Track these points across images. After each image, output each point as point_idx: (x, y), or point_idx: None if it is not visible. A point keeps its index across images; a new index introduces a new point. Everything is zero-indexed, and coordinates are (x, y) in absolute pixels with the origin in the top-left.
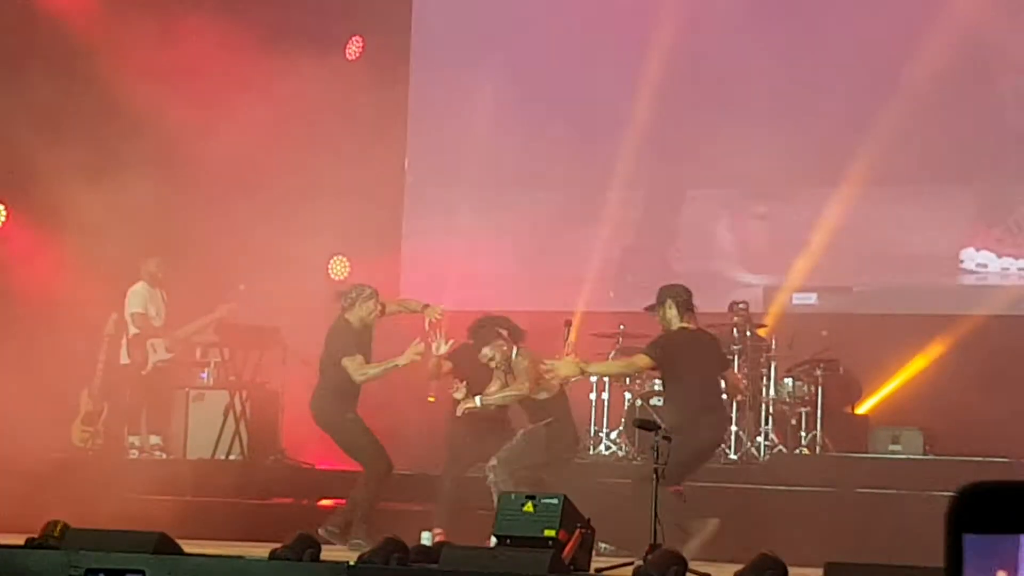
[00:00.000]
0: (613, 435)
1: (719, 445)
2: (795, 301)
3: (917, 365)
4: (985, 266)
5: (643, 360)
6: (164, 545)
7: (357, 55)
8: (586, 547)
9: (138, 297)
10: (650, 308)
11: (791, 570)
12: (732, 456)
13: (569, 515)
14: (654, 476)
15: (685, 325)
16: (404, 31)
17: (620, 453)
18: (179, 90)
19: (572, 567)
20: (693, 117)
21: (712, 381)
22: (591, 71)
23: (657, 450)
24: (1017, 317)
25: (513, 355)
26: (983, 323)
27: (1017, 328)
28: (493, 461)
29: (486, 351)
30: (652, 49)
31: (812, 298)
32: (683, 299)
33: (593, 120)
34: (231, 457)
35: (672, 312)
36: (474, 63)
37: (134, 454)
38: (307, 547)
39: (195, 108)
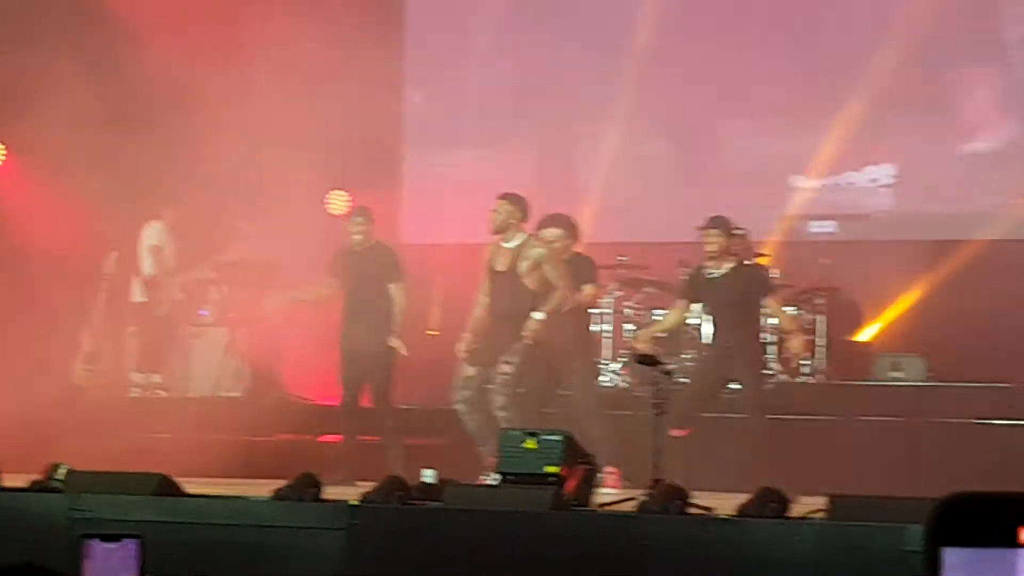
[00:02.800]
0: (615, 367)
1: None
2: (813, 229)
3: (919, 291)
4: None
5: None
6: (165, 487)
7: None
8: (589, 483)
9: (156, 233)
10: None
11: (794, 500)
12: (734, 385)
13: (572, 451)
14: (655, 410)
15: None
16: None
17: (622, 385)
18: (172, 30)
19: (575, 503)
20: (701, 42)
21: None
22: (595, 2)
23: (657, 385)
24: (1016, 241)
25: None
26: (982, 248)
27: (1015, 253)
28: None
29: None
30: None
31: (831, 226)
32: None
33: (598, 47)
34: (232, 394)
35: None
36: None
37: (135, 392)
38: (309, 486)
39: (188, 45)
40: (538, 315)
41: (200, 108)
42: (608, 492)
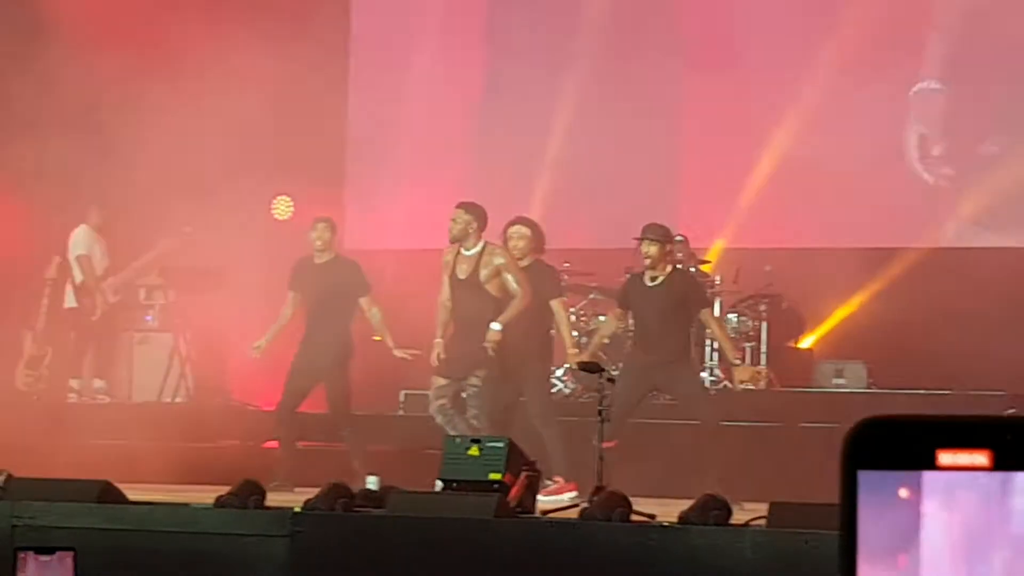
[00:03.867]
0: (559, 372)
1: None
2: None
3: (860, 298)
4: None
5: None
6: (108, 494)
7: None
8: (532, 489)
9: (81, 240)
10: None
11: (737, 506)
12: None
13: (515, 458)
14: (598, 417)
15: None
16: None
17: (566, 391)
18: (113, 33)
19: (518, 510)
20: (639, 55)
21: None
22: (540, 7)
23: (601, 392)
24: (959, 249)
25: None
26: (923, 256)
27: (958, 260)
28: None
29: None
30: None
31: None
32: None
33: (541, 54)
34: (177, 400)
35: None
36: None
37: (73, 398)
38: (252, 493)
39: (129, 49)
40: (496, 326)
41: (143, 115)
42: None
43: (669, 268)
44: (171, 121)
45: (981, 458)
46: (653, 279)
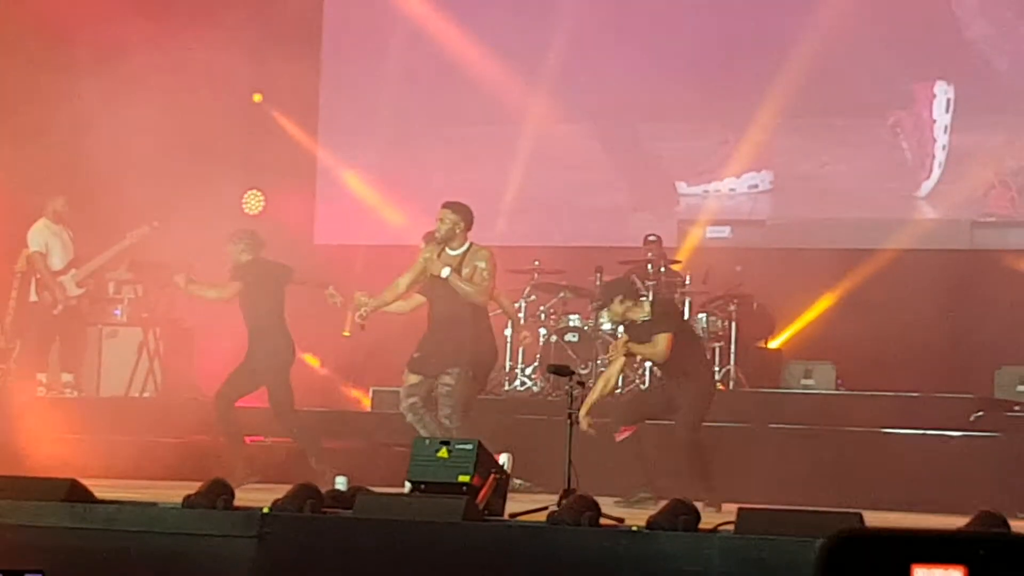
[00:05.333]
0: (528, 371)
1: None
2: (709, 235)
3: (829, 299)
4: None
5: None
6: (75, 493)
7: None
8: (500, 492)
9: (38, 235)
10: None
11: (705, 510)
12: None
13: (483, 460)
14: (568, 421)
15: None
16: None
17: (535, 389)
18: (83, 14)
19: (487, 512)
20: (610, 51)
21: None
22: (510, 4)
23: (571, 395)
24: (927, 251)
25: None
26: (895, 257)
27: (926, 262)
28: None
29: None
30: None
31: (726, 231)
32: (632, 290)
33: (508, 53)
34: (145, 395)
35: (627, 305)
36: None
37: (41, 391)
38: (220, 493)
39: (100, 40)
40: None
41: (115, 107)
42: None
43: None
44: (142, 114)
45: (956, 574)
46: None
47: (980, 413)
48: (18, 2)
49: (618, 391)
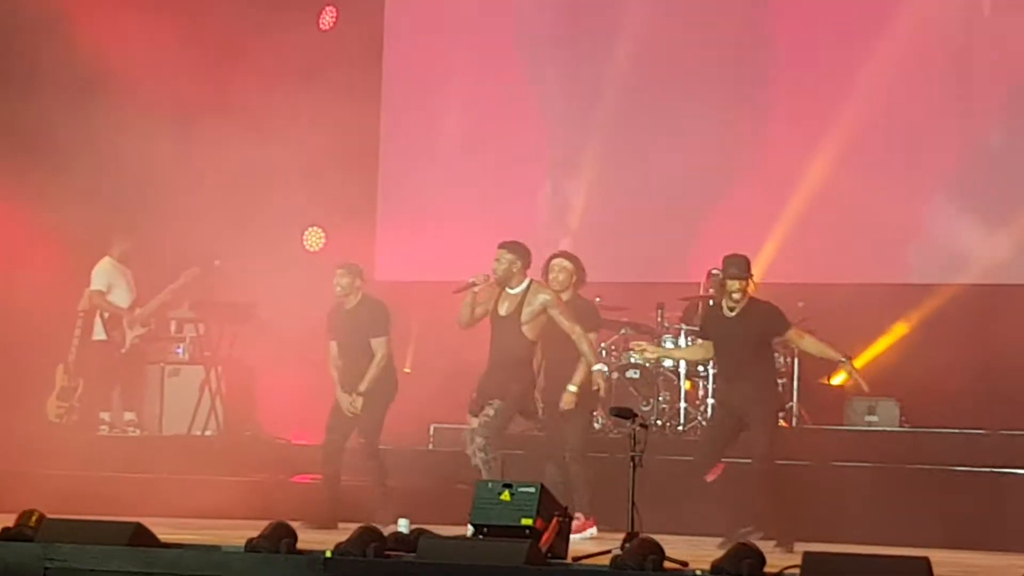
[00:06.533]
0: None
1: None
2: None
3: (893, 335)
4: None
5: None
6: (140, 536)
7: (331, 25)
8: (563, 535)
9: (102, 275)
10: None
11: (775, 550)
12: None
13: (546, 503)
14: (631, 464)
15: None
16: (378, 1)
17: (596, 427)
18: (150, 60)
19: (550, 556)
20: (670, 89)
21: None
22: (568, 44)
23: (634, 437)
24: (991, 286)
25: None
26: (958, 292)
27: (990, 297)
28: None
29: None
30: (625, 29)
31: None
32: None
33: (573, 84)
34: (207, 433)
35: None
36: (449, 32)
37: (104, 430)
38: (283, 536)
39: (165, 80)
40: (572, 388)
41: (178, 146)
42: (584, 535)
43: (746, 299)
44: (204, 153)
45: None
46: (731, 308)
47: None
48: (91, 45)
49: (680, 428)
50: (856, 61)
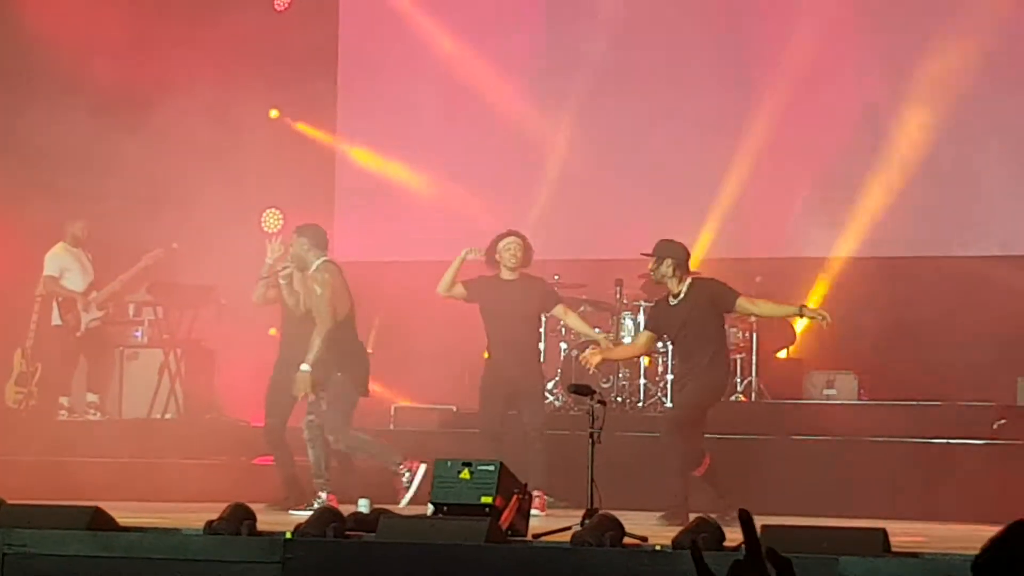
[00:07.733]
0: (549, 385)
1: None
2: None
3: (851, 308)
4: None
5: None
6: (98, 520)
7: (286, 5)
8: (523, 513)
9: (54, 260)
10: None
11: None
12: (668, 405)
13: (505, 481)
14: (590, 440)
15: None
16: None
17: (556, 404)
18: (104, 44)
19: (510, 534)
20: (629, 69)
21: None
22: (532, 23)
23: (592, 414)
24: (951, 258)
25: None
26: (917, 265)
27: (950, 269)
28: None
29: None
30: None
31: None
32: (682, 259)
33: (533, 68)
34: (167, 416)
35: (667, 271)
36: (406, 9)
37: (63, 415)
38: (243, 518)
39: (118, 60)
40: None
41: (131, 127)
42: (534, 514)
43: (688, 280)
44: (161, 136)
45: None
46: (676, 295)
47: (1003, 421)
48: (38, 24)
49: (639, 404)
50: (826, 43)
